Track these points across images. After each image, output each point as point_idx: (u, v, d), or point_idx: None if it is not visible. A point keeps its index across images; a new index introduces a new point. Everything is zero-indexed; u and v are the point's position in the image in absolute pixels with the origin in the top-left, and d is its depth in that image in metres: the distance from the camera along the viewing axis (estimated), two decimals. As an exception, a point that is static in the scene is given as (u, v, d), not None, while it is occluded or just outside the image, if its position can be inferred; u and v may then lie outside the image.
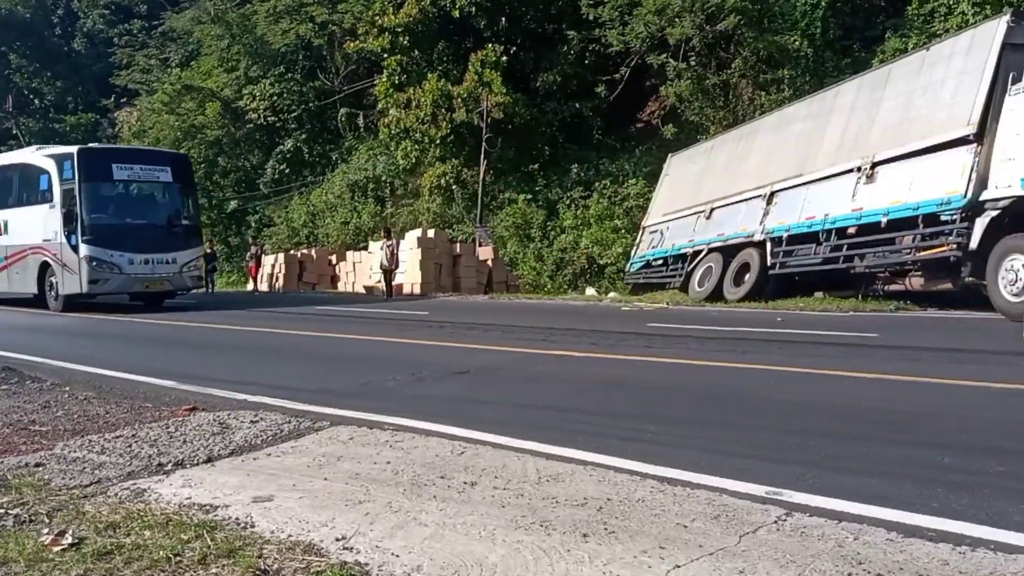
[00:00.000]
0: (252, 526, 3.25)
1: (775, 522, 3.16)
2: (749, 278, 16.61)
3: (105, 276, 17.01)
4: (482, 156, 26.44)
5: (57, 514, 3.46)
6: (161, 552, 2.94)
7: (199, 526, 3.21)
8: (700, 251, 18.56)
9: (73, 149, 17.83)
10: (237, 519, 3.34)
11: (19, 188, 19.38)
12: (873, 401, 5.78)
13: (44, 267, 18.10)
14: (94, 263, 16.82)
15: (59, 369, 8.18)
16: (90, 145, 20.22)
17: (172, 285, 18.12)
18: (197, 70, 41.99)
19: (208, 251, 28.32)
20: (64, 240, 17.13)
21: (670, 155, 22.40)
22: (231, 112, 38.67)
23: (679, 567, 2.71)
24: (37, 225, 18.00)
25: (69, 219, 16.92)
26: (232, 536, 3.11)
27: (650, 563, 2.75)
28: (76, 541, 3.09)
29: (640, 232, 22.23)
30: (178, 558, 2.90)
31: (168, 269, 17.69)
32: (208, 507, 3.52)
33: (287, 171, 37.55)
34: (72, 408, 6.03)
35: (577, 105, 28.48)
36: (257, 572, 2.77)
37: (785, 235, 15.79)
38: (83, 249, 16.76)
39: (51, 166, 17.76)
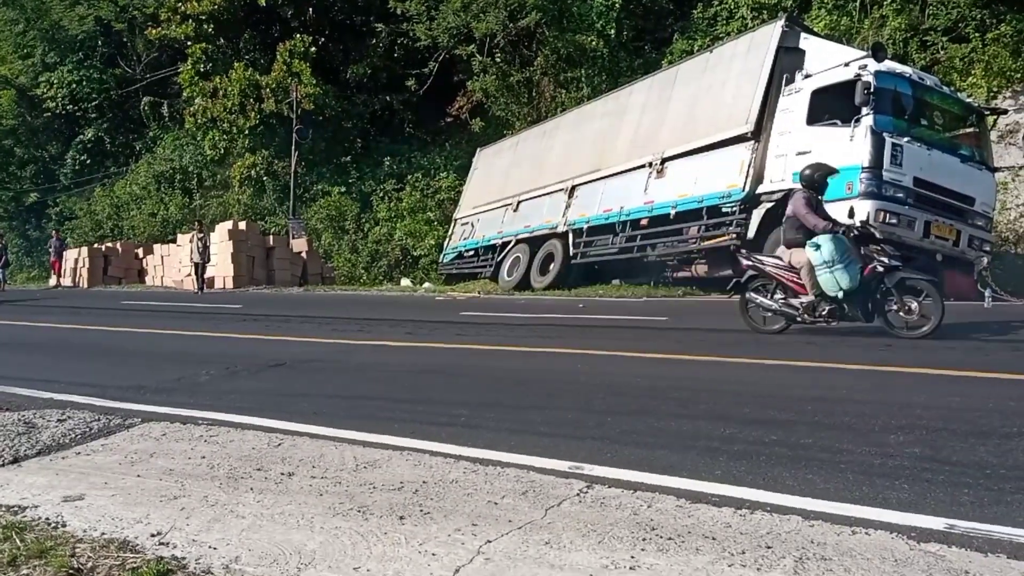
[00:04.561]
0: (64, 525, 3.12)
1: (577, 495, 3.34)
2: (554, 267, 17.29)
3: None
4: (293, 147, 25.77)
5: None
6: (-33, 555, 2.75)
7: (7, 528, 3.04)
8: (509, 242, 19.08)
9: None
10: (47, 519, 3.20)
11: None
12: (664, 379, 6.20)
13: None
14: None
15: None
16: None
17: None
18: (-11, 56, 38.19)
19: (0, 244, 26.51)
20: None
21: (479, 149, 22.82)
22: (27, 100, 35.61)
23: (490, 542, 2.84)
24: None
25: None
26: (43, 536, 2.98)
27: (463, 540, 2.86)
28: None
29: (452, 224, 22.51)
30: (-14, 560, 2.73)
31: None
32: (16, 508, 3.34)
33: (88, 162, 35.22)
34: None
35: (388, 98, 28.37)
36: (70, 571, 2.68)
37: (585, 227, 16.54)
38: None
39: None
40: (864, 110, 11.18)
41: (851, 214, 8.69)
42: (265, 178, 27.50)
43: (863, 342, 7.78)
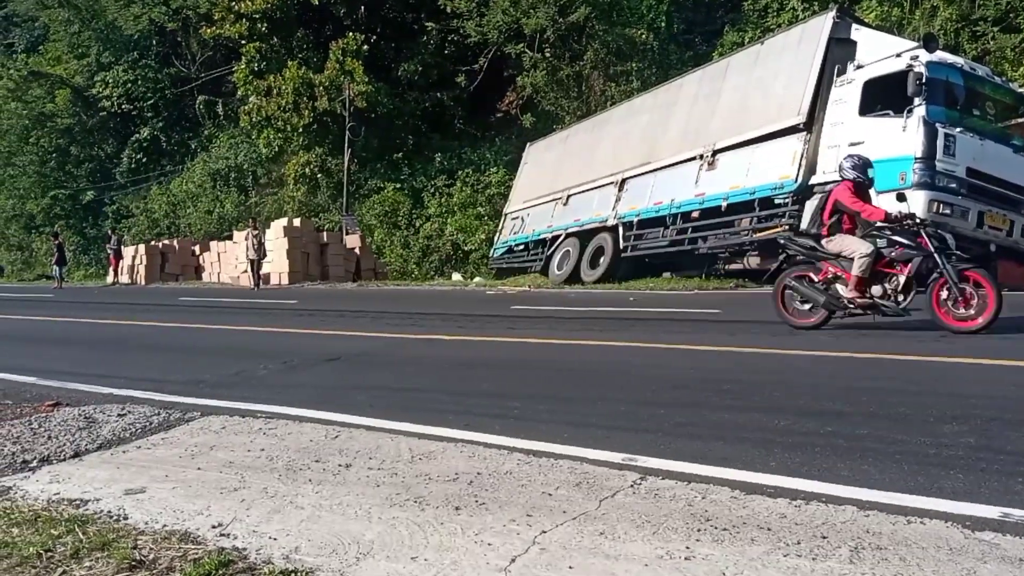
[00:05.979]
0: (125, 518, 3.18)
1: (631, 486, 3.35)
2: (604, 261, 17.26)
3: None
4: (346, 145, 26.10)
5: (-84, 518, 3.24)
6: (31, 548, 2.84)
7: (70, 521, 3.11)
8: (558, 236, 19.09)
9: None
10: (109, 512, 3.26)
11: None
12: (717, 372, 6.15)
13: None
14: None
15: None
16: None
17: None
18: (45, 56, 39.45)
19: (56, 243, 27.32)
20: None
21: (528, 144, 22.85)
22: (83, 100, 36.61)
23: (545, 532, 2.86)
24: None
25: None
26: (105, 529, 3.04)
27: (518, 530, 2.89)
28: (-62, 544, 2.93)
29: (502, 219, 22.60)
30: (49, 553, 2.81)
31: None
32: (78, 501, 3.41)
33: (144, 160, 36.04)
34: (-76, 409, 5.56)
35: (439, 95, 28.57)
36: (132, 563, 2.72)
37: (635, 220, 16.48)
38: None
39: None
40: (916, 101, 11.09)
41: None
42: (319, 175, 27.93)
43: (916, 334, 7.63)
